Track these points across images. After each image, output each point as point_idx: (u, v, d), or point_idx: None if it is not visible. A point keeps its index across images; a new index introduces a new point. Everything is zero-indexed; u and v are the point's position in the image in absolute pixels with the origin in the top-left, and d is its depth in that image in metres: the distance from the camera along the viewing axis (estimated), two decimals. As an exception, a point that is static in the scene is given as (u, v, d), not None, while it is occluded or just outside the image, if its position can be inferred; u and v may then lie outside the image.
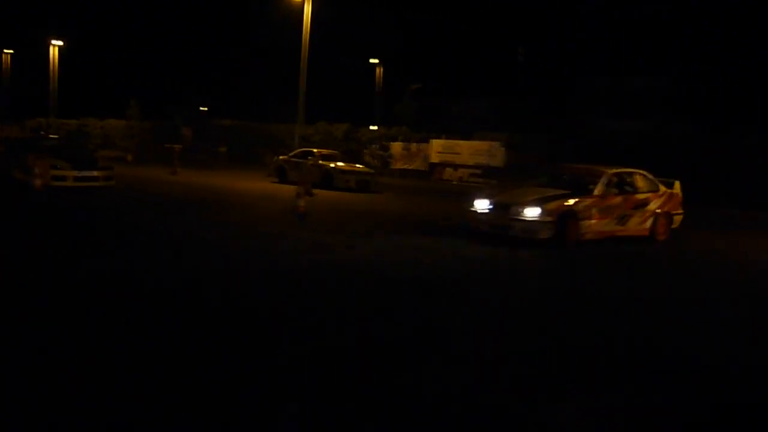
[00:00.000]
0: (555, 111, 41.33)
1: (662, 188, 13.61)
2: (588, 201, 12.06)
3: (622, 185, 13.10)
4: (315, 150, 24.96)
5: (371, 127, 40.58)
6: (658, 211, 13.40)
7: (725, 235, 16.78)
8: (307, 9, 32.26)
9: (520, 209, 11.63)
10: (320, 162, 23.04)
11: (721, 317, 7.70)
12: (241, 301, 6.86)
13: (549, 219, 11.48)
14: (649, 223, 13.24)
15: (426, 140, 34.81)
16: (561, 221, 11.57)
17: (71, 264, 8.22)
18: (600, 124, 34.69)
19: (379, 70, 48.99)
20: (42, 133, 40.36)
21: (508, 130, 33.58)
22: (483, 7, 56.70)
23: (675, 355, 5.93)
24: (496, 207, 12.05)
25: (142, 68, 59.72)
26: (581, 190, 12.38)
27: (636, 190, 13.19)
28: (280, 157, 25.48)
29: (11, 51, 55.63)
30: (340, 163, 23.37)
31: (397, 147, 35.49)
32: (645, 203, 13.14)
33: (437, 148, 34.20)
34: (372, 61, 48.76)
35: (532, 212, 11.51)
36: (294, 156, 24.80)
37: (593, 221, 12.11)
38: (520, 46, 49.42)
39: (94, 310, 6.17)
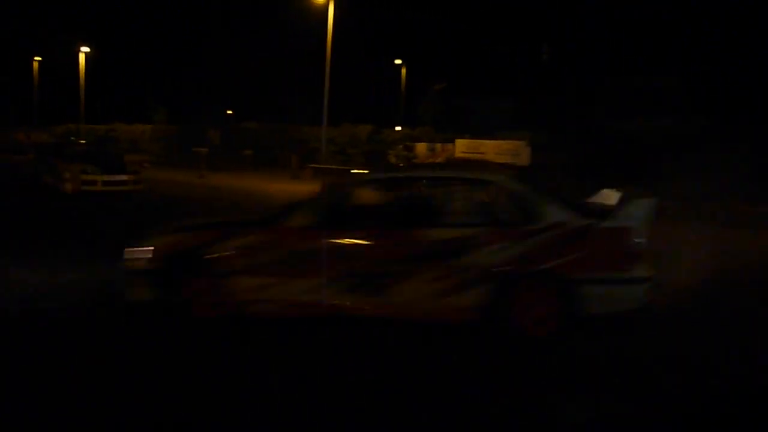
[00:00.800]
0: (579, 110, 41.01)
1: (568, 218, 5.94)
2: (252, 237, 6.13)
3: (404, 207, 6.47)
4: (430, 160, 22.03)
5: (395, 128, 40.69)
6: (525, 269, 5.91)
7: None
8: (331, 10, 32.37)
9: (132, 247, 6.48)
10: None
11: None
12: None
13: (147, 267, 6.25)
14: (475, 296, 5.88)
15: (450, 140, 34.73)
16: (169, 273, 6.18)
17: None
18: (622, 124, 34.40)
19: (403, 71, 49.05)
20: (72, 138, 41.01)
21: (533, 129, 33.41)
22: (507, 7, 56.43)
23: None
24: None
25: (168, 73, 60.43)
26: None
27: (436, 220, 6.24)
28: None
29: (39, 58, 56.59)
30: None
31: (421, 147, 35.42)
32: (462, 249, 5.89)
33: (462, 147, 34.07)
34: (396, 61, 48.84)
35: (134, 253, 6.41)
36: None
37: (265, 279, 6.00)
38: (545, 44, 49.09)
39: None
